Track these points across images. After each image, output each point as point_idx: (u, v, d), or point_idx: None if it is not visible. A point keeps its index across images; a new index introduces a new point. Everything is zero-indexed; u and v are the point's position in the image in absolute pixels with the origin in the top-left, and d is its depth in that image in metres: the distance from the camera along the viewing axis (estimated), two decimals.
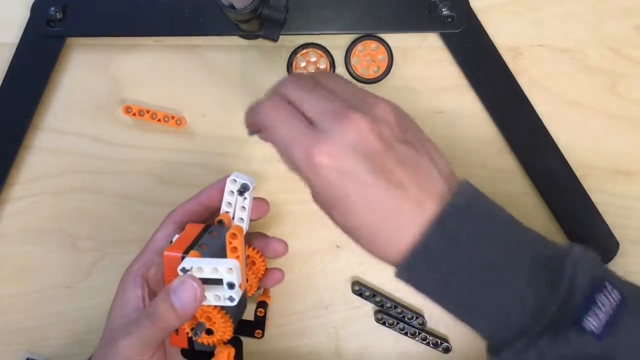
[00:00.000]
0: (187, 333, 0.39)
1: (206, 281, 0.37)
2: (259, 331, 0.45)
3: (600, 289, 0.33)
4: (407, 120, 0.36)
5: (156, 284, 0.42)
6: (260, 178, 0.52)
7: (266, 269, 0.45)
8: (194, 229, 0.41)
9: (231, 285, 0.37)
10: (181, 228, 0.42)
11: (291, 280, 0.52)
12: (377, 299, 0.51)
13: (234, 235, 0.37)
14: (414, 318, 0.51)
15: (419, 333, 0.51)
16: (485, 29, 0.51)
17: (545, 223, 0.52)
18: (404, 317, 0.51)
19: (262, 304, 0.46)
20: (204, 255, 0.38)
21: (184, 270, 0.36)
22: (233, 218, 0.42)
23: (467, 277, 0.33)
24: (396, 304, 0.51)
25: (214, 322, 0.39)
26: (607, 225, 0.51)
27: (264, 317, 0.45)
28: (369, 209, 0.33)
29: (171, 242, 0.41)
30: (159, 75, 0.52)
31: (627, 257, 0.52)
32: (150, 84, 0.52)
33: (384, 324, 0.52)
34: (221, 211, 0.42)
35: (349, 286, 0.52)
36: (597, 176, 0.52)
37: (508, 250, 0.34)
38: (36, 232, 0.53)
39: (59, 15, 0.50)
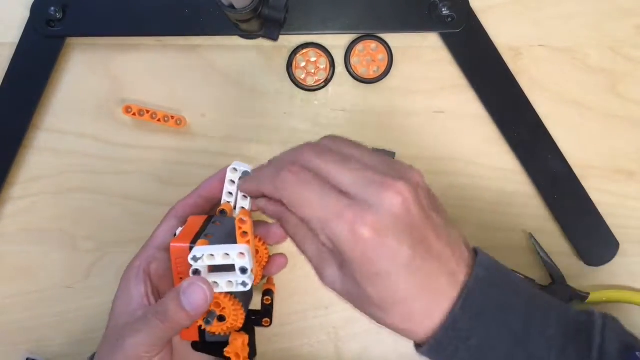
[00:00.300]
0: (200, 325, 0.39)
1: (216, 268, 0.37)
2: (267, 319, 0.44)
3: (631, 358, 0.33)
4: (426, 192, 0.35)
5: (159, 279, 0.41)
6: None
7: (269, 256, 0.45)
8: (196, 221, 0.41)
9: (244, 270, 0.36)
10: (183, 222, 0.42)
11: (291, 280, 0.52)
12: None
13: (242, 221, 0.37)
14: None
15: None
16: (485, 29, 0.51)
17: (545, 223, 0.52)
18: None
19: (268, 292, 0.46)
20: (211, 243, 0.37)
21: (195, 258, 0.36)
22: (235, 208, 0.42)
23: (497, 352, 0.33)
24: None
25: (224, 308, 0.39)
26: (607, 225, 0.51)
27: (271, 305, 0.45)
28: (410, 284, 0.32)
29: (175, 235, 0.41)
30: (159, 75, 0.52)
31: (627, 257, 0.52)
32: (150, 84, 0.52)
33: None
34: (222, 201, 0.42)
35: None
36: (597, 176, 0.52)
37: (534, 322, 0.33)
38: (36, 232, 0.53)
39: (58, 15, 0.50)
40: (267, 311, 0.44)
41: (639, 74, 0.52)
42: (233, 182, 0.41)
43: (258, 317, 0.44)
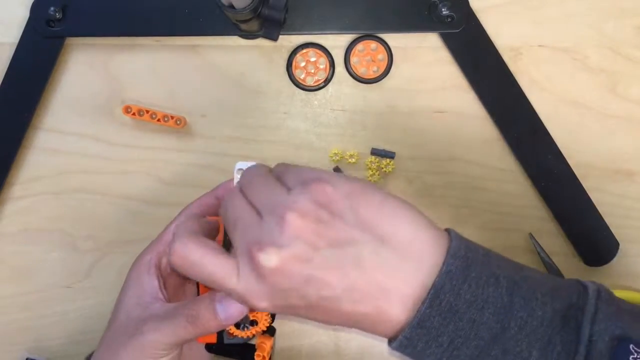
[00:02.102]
0: (228, 328, 0.39)
1: None
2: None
3: (626, 354, 0.31)
4: (338, 205, 0.33)
5: (167, 275, 0.42)
6: None
7: None
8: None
9: None
10: (198, 221, 0.42)
11: None
12: None
13: None
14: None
15: None
16: (485, 29, 0.51)
17: (545, 223, 0.52)
18: None
19: None
20: None
21: None
22: None
23: (471, 349, 0.32)
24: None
25: (257, 313, 0.39)
26: (607, 225, 0.51)
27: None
28: (336, 321, 0.33)
29: None
30: (159, 75, 0.52)
31: (627, 257, 0.52)
32: (150, 84, 0.52)
33: None
34: None
35: None
36: (597, 176, 0.52)
37: (514, 315, 0.32)
38: (36, 232, 0.53)
39: (58, 15, 0.50)
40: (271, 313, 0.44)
41: (639, 74, 0.52)
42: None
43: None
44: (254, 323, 0.39)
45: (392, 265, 0.32)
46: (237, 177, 0.40)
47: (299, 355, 0.53)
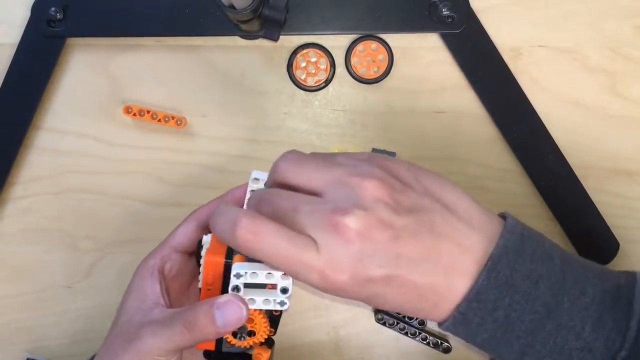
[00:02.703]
0: (226, 337, 0.38)
1: (252, 284, 0.36)
2: (272, 329, 0.44)
3: None
4: (404, 174, 0.33)
5: (170, 280, 0.41)
6: None
7: None
8: None
9: (285, 290, 0.36)
10: (203, 227, 0.42)
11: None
12: None
13: None
14: (414, 318, 0.51)
15: (419, 333, 0.51)
16: (485, 29, 0.51)
17: (545, 223, 0.52)
18: (404, 317, 0.51)
19: None
20: (246, 258, 0.37)
21: (238, 275, 0.36)
22: None
23: (526, 324, 0.32)
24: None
25: (256, 324, 0.38)
26: (607, 225, 0.51)
27: (279, 317, 0.45)
28: (402, 298, 0.32)
29: (199, 243, 0.40)
30: (159, 75, 0.52)
31: (627, 257, 0.52)
32: (151, 84, 0.52)
33: (384, 324, 0.52)
34: None
35: None
36: (597, 176, 0.52)
37: (567, 291, 0.32)
38: (36, 232, 0.53)
39: (59, 16, 0.50)
40: (273, 322, 0.44)
41: (639, 74, 0.52)
42: (254, 191, 0.41)
43: None
44: (252, 333, 0.39)
45: (462, 233, 0.32)
46: (252, 185, 0.40)
47: (299, 356, 0.53)
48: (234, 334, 0.38)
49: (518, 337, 0.32)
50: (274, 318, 0.44)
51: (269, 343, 0.41)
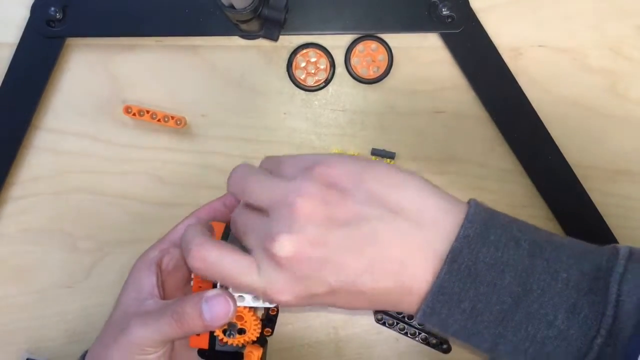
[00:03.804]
0: (214, 334, 0.39)
1: None
2: (269, 329, 0.44)
3: None
4: (345, 181, 0.33)
5: (167, 274, 0.42)
6: None
7: None
8: (217, 228, 0.41)
9: None
10: (204, 225, 0.42)
11: None
12: None
13: None
14: (414, 318, 0.51)
15: (419, 333, 0.51)
16: (485, 29, 0.51)
17: (545, 223, 0.52)
18: (404, 317, 0.51)
19: None
20: None
21: None
22: None
23: (494, 315, 0.31)
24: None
25: (246, 321, 0.39)
26: (607, 225, 0.51)
27: (276, 316, 0.45)
28: (356, 303, 0.33)
29: None
30: (159, 75, 0.52)
31: None
32: (150, 84, 0.52)
33: (384, 324, 0.52)
34: None
35: None
36: (597, 176, 0.52)
37: (537, 277, 0.31)
38: (36, 232, 0.53)
39: (59, 15, 0.50)
40: (270, 321, 0.44)
41: (639, 74, 0.52)
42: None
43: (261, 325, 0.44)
44: (242, 331, 0.39)
45: (408, 236, 0.32)
46: None
47: (299, 356, 0.53)
48: (224, 331, 0.38)
49: (487, 327, 0.32)
50: (270, 317, 0.44)
51: (261, 342, 0.41)
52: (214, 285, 0.38)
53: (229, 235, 0.40)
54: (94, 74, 0.52)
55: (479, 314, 0.32)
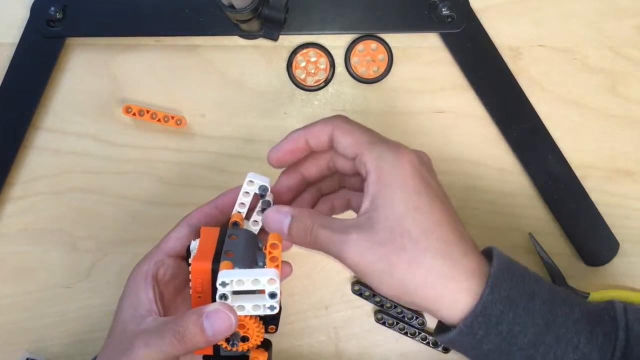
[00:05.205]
0: (220, 344, 0.38)
1: (242, 291, 0.36)
2: (273, 326, 0.44)
3: None
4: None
5: (164, 285, 0.41)
6: None
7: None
8: (211, 233, 0.40)
9: (273, 295, 0.36)
10: (195, 231, 0.42)
11: (291, 280, 0.52)
12: (377, 298, 0.51)
13: (274, 245, 0.37)
14: (414, 318, 0.51)
15: (419, 333, 0.51)
16: (485, 29, 0.51)
17: (545, 223, 0.52)
18: (403, 317, 0.51)
19: None
20: (234, 263, 0.37)
21: (224, 284, 0.35)
22: (247, 219, 0.42)
23: (528, 337, 0.33)
24: (396, 304, 0.51)
25: (248, 329, 0.38)
26: (607, 225, 0.51)
27: (279, 313, 0.44)
28: (442, 241, 0.34)
29: (188, 249, 0.40)
30: (159, 75, 0.52)
31: (627, 257, 0.52)
32: (150, 84, 0.52)
33: (384, 323, 0.52)
34: (234, 211, 0.41)
35: (349, 286, 0.52)
36: (597, 176, 0.52)
37: (559, 307, 0.34)
38: (36, 232, 0.53)
39: (59, 15, 0.50)
40: (273, 318, 0.44)
41: (639, 74, 0.52)
42: (248, 193, 0.40)
43: (264, 324, 0.44)
44: (245, 339, 0.39)
45: (467, 245, 0.35)
46: (246, 187, 0.40)
47: (299, 356, 0.53)
48: (227, 341, 0.38)
49: (520, 349, 0.34)
50: (274, 315, 0.43)
51: (265, 345, 0.41)
52: (213, 296, 0.38)
53: (226, 239, 0.39)
54: (94, 74, 0.52)
55: (514, 336, 0.33)
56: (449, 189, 0.52)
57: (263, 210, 0.39)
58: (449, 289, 0.33)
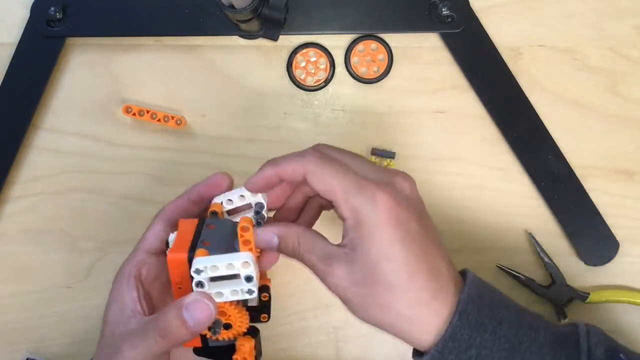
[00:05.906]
0: (204, 334, 0.38)
1: (219, 277, 0.36)
2: (265, 315, 0.44)
3: None
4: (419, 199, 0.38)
5: (149, 284, 0.41)
6: None
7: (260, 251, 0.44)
8: (188, 225, 0.40)
9: (249, 278, 0.36)
10: (172, 226, 0.42)
11: (291, 280, 0.52)
12: None
13: (245, 229, 0.37)
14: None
15: None
16: (485, 29, 0.51)
17: (545, 223, 0.52)
18: None
19: (265, 288, 0.44)
20: (210, 251, 0.37)
21: (198, 271, 0.36)
22: (229, 214, 0.42)
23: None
24: None
25: (230, 316, 0.38)
26: (607, 225, 0.51)
27: (269, 301, 0.44)
28: (418, 267, 0.35)
29: (167, 243, 0.40)
30: (159, 75, 0.52)
31: (627, 257, 0.52)
32: (150, 84, 0.52)
33: None
34: (214, 201, 0.41)
35: None
36: (597, 176, 0.52)
37: (525, 332, 0.36)
38: (36, 232, 0.53)
39: (58, 15, 0.50)
40: (264, 307, 0.44)
41: (639, 74, 0.52)
42: (243, 197, 0.40)
43: (256, 313, 0.44)
44: (228, 326, 0.39)
45: (441, 272, 0.36)
46: (245, 191, 0.40)
47: (299, 356, 0.53)
48: (209, 329, 0.38)
49: None
50: (264, 303, 0.43)
51: (252, 332, 0.41)
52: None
53: (203, 229, 0.39)
54: (94, 74, 0.52)
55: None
56: (449, 189, 0.53)
57: (258, 223, 0.40)
58: (419, 324, 0.35)
